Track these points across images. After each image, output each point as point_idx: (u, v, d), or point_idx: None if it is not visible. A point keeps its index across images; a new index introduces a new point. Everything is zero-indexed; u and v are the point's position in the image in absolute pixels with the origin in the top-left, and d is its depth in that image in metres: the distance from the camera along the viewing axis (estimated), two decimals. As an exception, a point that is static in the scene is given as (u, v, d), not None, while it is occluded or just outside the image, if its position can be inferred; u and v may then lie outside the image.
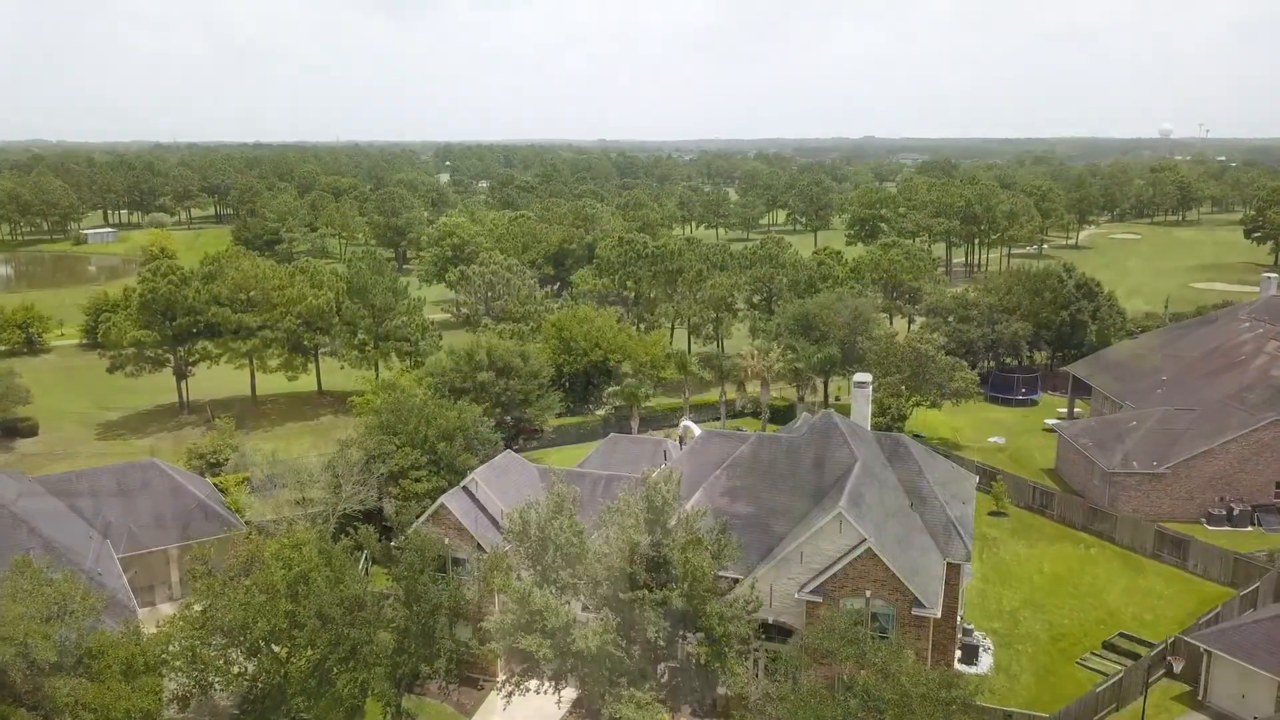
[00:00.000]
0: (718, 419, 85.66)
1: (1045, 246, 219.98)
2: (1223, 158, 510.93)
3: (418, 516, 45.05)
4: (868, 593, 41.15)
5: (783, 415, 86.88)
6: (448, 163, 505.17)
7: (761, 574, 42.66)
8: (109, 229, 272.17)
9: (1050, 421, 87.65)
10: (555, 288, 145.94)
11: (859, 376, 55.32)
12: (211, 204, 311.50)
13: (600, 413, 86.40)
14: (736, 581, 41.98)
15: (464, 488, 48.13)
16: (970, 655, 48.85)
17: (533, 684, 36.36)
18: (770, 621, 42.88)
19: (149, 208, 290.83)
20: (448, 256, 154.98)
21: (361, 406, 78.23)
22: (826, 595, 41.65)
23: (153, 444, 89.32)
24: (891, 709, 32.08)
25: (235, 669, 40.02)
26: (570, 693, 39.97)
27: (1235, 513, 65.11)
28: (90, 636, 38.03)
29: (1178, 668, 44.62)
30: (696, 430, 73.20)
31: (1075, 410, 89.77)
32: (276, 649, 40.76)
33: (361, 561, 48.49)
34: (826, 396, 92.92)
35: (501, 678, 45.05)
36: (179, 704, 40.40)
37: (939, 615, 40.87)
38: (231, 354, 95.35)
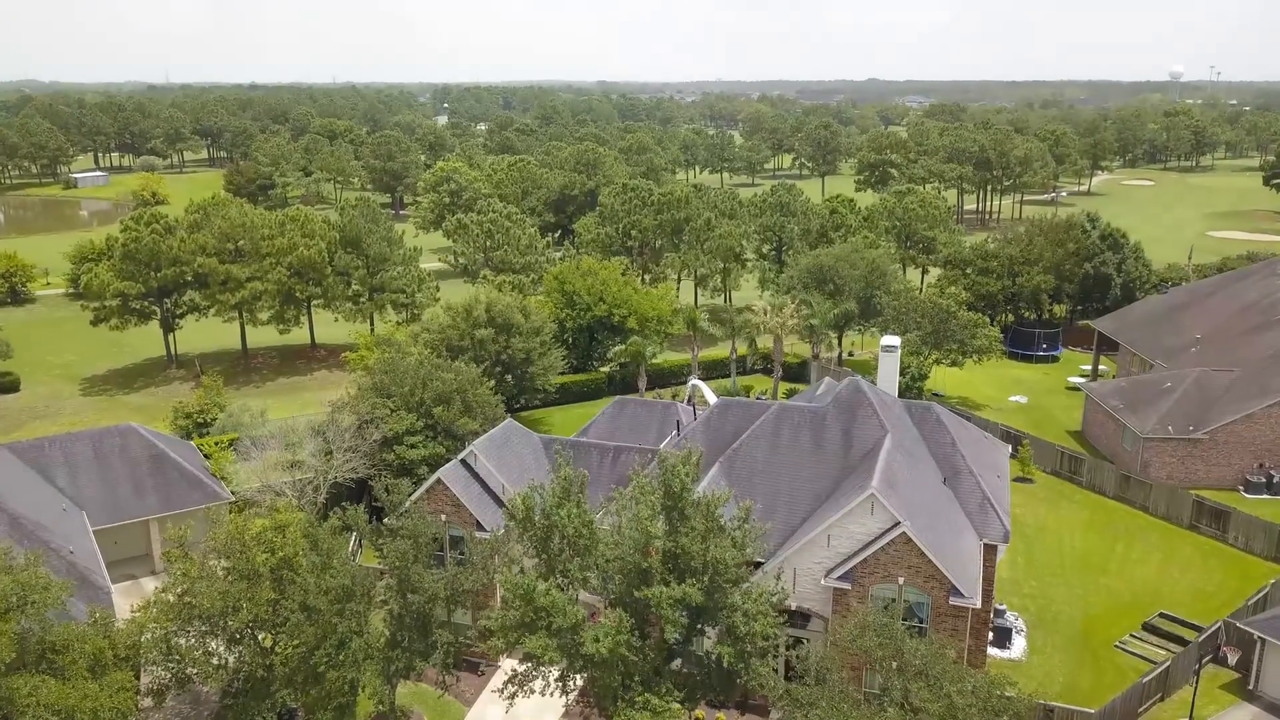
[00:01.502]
0: (727, 375, 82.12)
1: (1064, 194, 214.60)
2: (1234, 101, 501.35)
3: (411, 493, 41.55)
4: (901, 580, 37.89)
5: (795, 372, 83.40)
6: (445, 105, 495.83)
7: (784, 557, 39.39)
8: (99, 172, 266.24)
9: (1074, 380, 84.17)
10: (556, 235, 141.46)
11: (887, 340, 51.57)
12: (204, 147, 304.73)
13: (605, 369, 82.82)
14: (757, 565, 38.65)
15: (462, 461, 44.69)
16: (1003, 638, 45.83)
17: (537, 684, 33.17)
18: (793, 608, 39.74)
19: (140, 150, 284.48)
20: (445, 203, 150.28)
21: (356, 362, 74.76)
22: (855, 582, 38.41)
23: (139, 400, 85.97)
24: (936, 721, 28.93)
25: (215, 660, 36.91)
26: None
27: (1275, 480, 61.83)
28: (54, 629, 34.76)
29: (1233, 659, 41.56)
30: (705, 389, 69.83)
31: (1100, 368, 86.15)
32: (260, 637, 37.69)
33: (351, 542, 45.15)
34: (840, 352, 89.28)
35: (504, 664, 42.06)
36: (154, 698, 37.36)
37: (979, 605, 37.64)
38: (220, 306, 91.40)
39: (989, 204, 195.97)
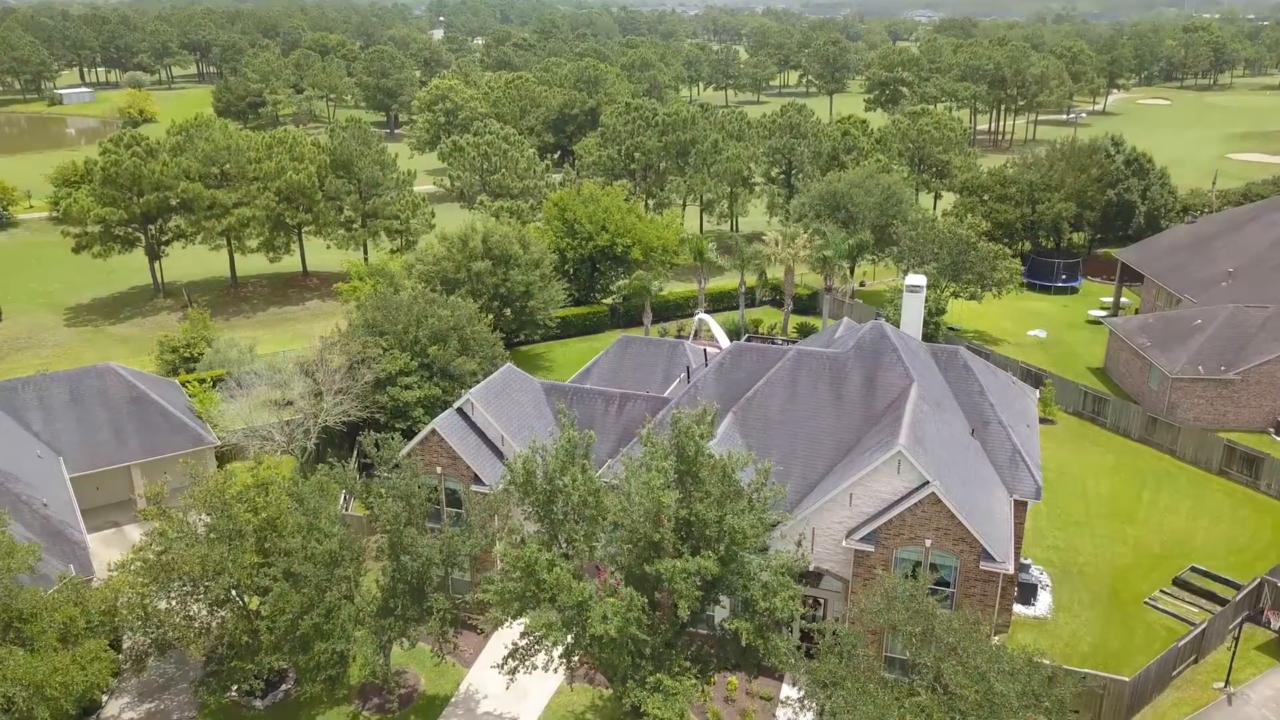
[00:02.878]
0: (735, 308, 78.87)
1: (1084, 114, 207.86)
2: (1252, 16, 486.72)
3: (402, 446, 38.80)
4: (928, 542, 35.41)
5: (805, 304, 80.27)
6: (441, 18, 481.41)
7: (803, 516, 36.88)
8: (85, 89, 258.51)
9: (1096, 313, 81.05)
10: (556, 157, 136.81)
11: (911, 279, 48.31)
12: (193, 62, 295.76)
13: (607, 302, 79.65)
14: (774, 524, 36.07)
15: (458, 409, 41.87)
16: (1027, 595, 43.62)
17: (539, 659, 30.87)
18: (810, 569, 37.40)
19: (127, 66, 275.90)
20: (440, 123, 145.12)
21: (348, 294, 71.59)
22: (879, 544, 35.94)
23: (125, 331, 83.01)
24: (974, 711, 26.59)
25: (197, 625, 34.67)
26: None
27: (1309, 423, 59.28)
28: (20, 596, 32.35)
29: (1277, 624, 39.34)
30: (713, 323, 66.81)
31: (1122, 300, 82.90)
32: (245, 600, 35.42)
33: (341, 496, 42.60)
34: (852, 285, 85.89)
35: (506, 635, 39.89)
36: (133, 664, 35.24)
37: (1011, 571, 35.21)
38: (206, 233, 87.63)
39: (1002, 124, 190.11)
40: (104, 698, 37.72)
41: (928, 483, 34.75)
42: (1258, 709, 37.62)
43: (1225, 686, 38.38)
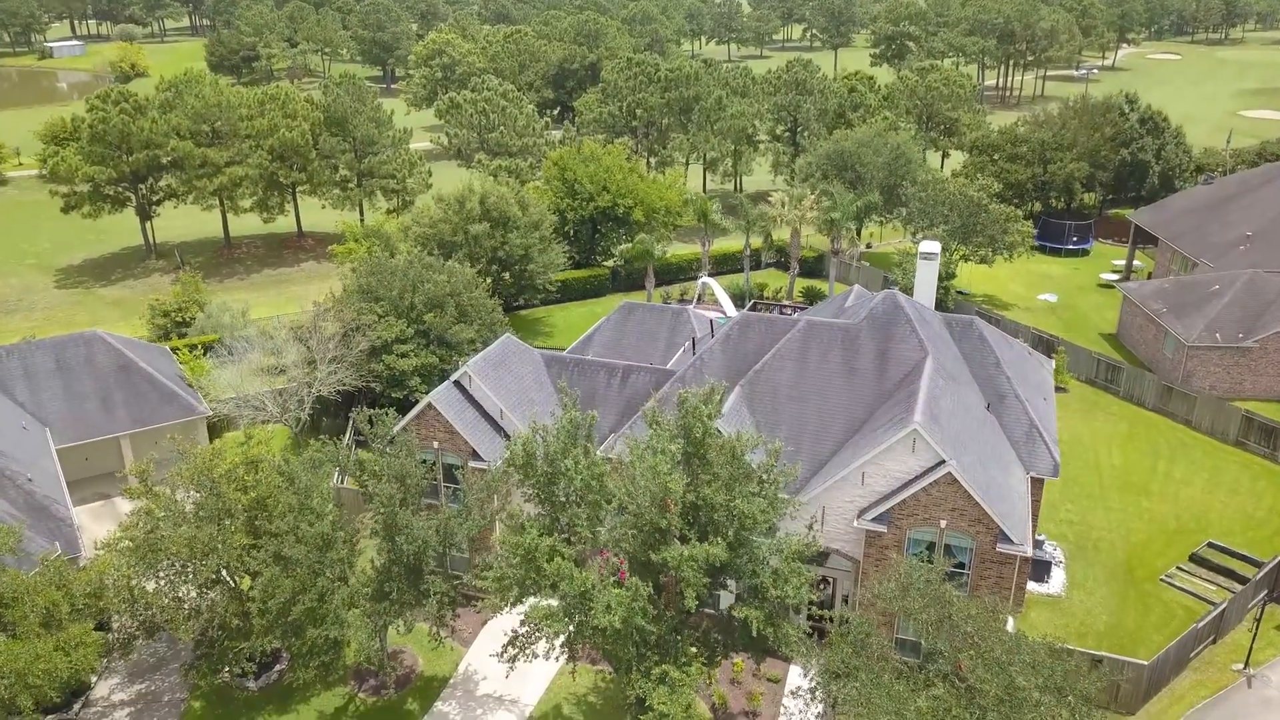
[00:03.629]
0: (739, 270, 77.17)
1: (1095, 70, 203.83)
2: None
3: (398, 422, 37.33)
4: (943, 523, 34.13)
5: (811, 267, 78.51)
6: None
7: (813, 495, 35.57)
8: (76, 42, 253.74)
9: (1108, 277, 79.26)
10: (555, 113, 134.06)
11: (926, 246, 46.54)
12: (185, 14, 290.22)
13: (608, 264, 77.87)
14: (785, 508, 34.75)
15: (455, 382, 40.39)
16: (1041, 571, 42.47)
17: (540, 647, 29.71)
18: (820, 549, 36.11)
19: (118, 18, 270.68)
20: (437, 78, 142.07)
21: (343, 256, 69.85)
22: (892, 524, 34.67)
23: (116, 294, 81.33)
24: (995, 706, 25.43)
25: (186, 607, 33.52)
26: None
27: (1327, 392, 57.84)
28: (1, 580, 31.15)
29: (1300, 605, 38.24)
30: (717, 287, 65.24)
31: (1135, 264, 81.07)
32: (236, 581, 34.24)
33: (334, 476, 41.26)
34: (859, 248, 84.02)
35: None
36: (121, 648, 34.12)
37: (1029, 554, 33.94)
38: (198, 193, 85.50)
39: (1011, 80, 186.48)
40: (93, 679, 36.72)
41: (943, 462, 33.40)
42: (1279, 691, 36.63)
43: (1245, 668, 37.36)
